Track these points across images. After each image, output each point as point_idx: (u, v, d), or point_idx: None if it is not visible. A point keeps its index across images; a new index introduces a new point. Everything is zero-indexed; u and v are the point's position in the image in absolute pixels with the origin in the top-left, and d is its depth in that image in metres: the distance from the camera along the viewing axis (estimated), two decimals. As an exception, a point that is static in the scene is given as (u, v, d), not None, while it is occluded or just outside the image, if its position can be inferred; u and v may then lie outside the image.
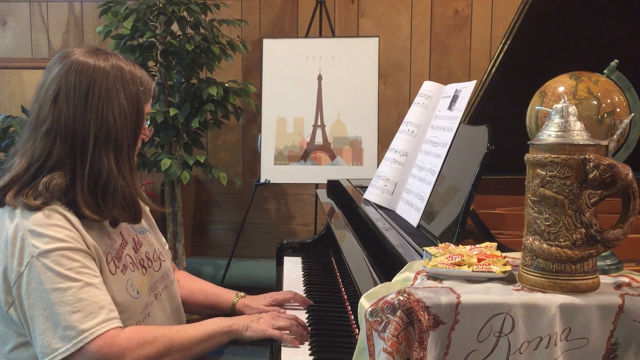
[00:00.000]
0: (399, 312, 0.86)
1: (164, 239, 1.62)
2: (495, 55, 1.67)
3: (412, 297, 0.86)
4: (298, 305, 1.60)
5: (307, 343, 1.39)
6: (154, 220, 1.60)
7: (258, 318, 1.40)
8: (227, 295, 1.63)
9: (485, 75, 1.70)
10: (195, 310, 1.68)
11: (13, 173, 1.27)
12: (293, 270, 2.04)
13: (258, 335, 1.36)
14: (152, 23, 3.02)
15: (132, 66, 1.33)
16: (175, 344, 1.27)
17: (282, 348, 1.38)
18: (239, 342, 1.37)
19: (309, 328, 1.44)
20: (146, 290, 1.40)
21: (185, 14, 2.97)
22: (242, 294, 1.64)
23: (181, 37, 3.02)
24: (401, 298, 0.86)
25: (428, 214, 1.39)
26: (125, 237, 1.39)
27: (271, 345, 1.50)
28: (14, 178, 1.27)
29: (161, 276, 1.48)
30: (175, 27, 3.04)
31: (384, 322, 0.87)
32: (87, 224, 1.28)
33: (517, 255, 1.05)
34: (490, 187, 1.65)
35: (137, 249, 1.42)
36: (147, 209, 1.54)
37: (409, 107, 1.80)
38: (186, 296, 1.63)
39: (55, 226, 1.22)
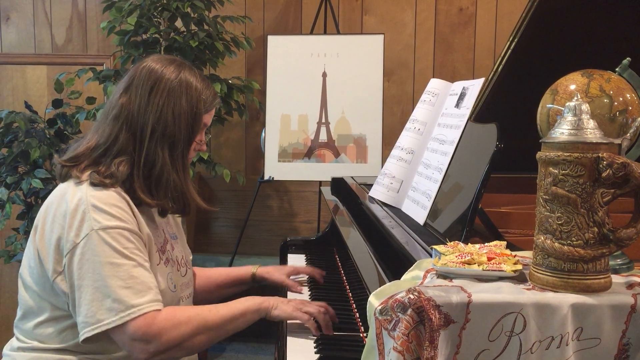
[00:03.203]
0: (409, 311, 0.85)
1: (189, 250, 1.68)
2: (502, 53, 1.66)
3: (422, 296, 0.86)
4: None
5: (312, 341, 1.39)
6: (183, 234, 1.66)
7: (288, 301, 1.45)
8: (245, 268, 1.74)
9: (492, 73, 1.69)
10: (219, 294, 1.74)
11: (80, 149, 1.37)
12: (297, 267, 2.03)
13: (284, 315, 1.41)
14: (156, 19, 3.01)
15: (200, 79, 1.42)
16: (209, 323, 1.34)
17: (288, 346, 1.38)
18: (267, 320, 1.43)
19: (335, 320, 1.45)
20: (179, 288, 1.46)
21: (189, 10, 2.96)
22: (259, 264, 1.75)
23: (185, 33, 3.01)
24: (412, 296, 0.86)
25: (435, 212, 1.39)
26: (166, 236, 1.47)
27: (276, 342, 1.50)
28: (79, 154, 1.37)
29: (187, 282, 1.53)
30: (179, 23, 3.03)
31: (394, 321, 0.87)
32: (142, 212, 1.36)
33: (527, 254, 1.05)
34: (495, 185, 1.64)
35: (172, 249, 1.49)
36: (178, 220, 1.61)
37: (413, 105, 1.80)
38: (206, 284, 1.70)
39: (117, 207, 1.30)
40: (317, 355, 1.32)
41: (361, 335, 1.40)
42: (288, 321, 1.47)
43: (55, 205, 1.33)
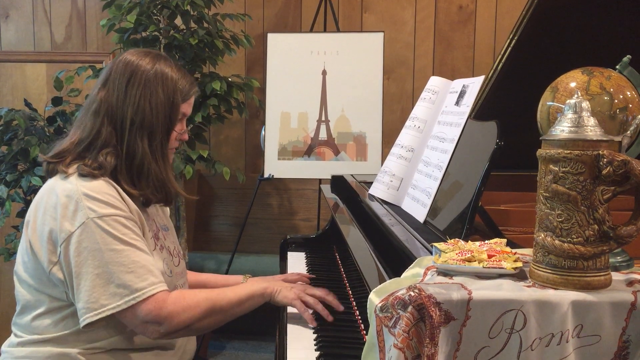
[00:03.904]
0: (410, 308, 0.85)
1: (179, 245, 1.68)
2: (502, 51, 1.65)
3: (423, 293, 0.86)
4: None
5: (312, 338, 1.39)
6: (173, 227, 1.68)
7: (291, 287, 1.50)
8: (235, 278, 1.76)
9: (492, 70, 1.69)
10: None
11: (64, 145, 1.40)
12: (297, 265, 2.04)
13: (286, 302, 1.47)
14: (156, 17, 3.01)
15: (176, 69, 1.45)
16: (216, 306, 1.39)
17: (288, 343, 1.38)
18: (271, 304, 1.48)
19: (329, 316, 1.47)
20: (174, 275, 1.48)
21: (188, 7, 2.96)
22: (249, 275, 1.76)
23: (185, 31, 3.00)
24: (412, 294, 0.86)
25: (435, 209, 1.39)
26: (157, 226, 1.50)
27: (276, 341, 1.50)
28: (64, 149, 1.39)
29: (180, 272, 1.55)
30: (178, 21, 3.02)
31: (394, 318, 0.87)
32: (134, 201, 1.38)
33: (527, 251, 1.05)
34: (494, 183, 1.64)
35: (164, 239, 1.52)
36: (167, 213, 1.64)
37: (413, 102, 1.80)
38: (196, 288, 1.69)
39: (109, 195, 1.33)
40: (317, 353, 1.32)
41: (361, 332, 1.40)
42: (288, 311, 1.52)
43: (45, 199, 1.35)
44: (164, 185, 1.42)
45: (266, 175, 3.04)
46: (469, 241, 1.05)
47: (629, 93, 0.97)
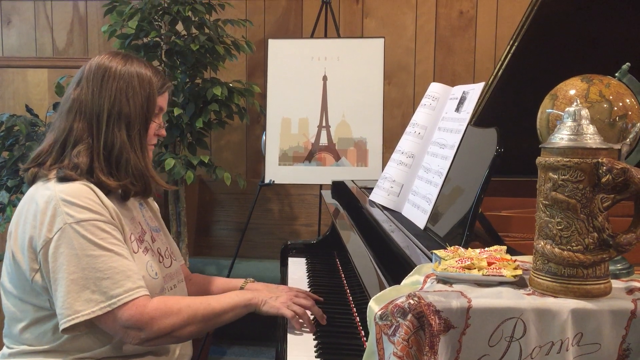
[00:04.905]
0: (409, 316, 0.85)
1: (175, 245, 1.67)
2: (503, 57, 1.65)
3: (422, 301, 0.86)
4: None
5: (312, 345, 1.39)
6: (165, 227, 1.67)
7: (277, 296, 1.48)
8: (236, 282, 1.73)
9: (492, 77, 1.69)
10: None
11: (41, 148, 1.42)
12: (297, 271, 2.03)
13: (273, 311, 1.45)
14: (157, 23, 3.02)
15: (149, 66, 1.47)
16: (199, 315, 1.37)
17: (288, 350, 1.38)
18: (256, 314, 1.47)
19: (324, 318, 1.48)
20: (161, 277, 1.47)
21: (190, 13, 2.96)
22: (251, 279, 1.73)
23: (186, 36, 3.01)
24: (412, 302, 0.86)
25: (435, 216, 1.39)
26: (144, 227, 1.49)
27: (277, 347, 1.50)
28: (41, 151, 1.41)
29: (172, 273, 1.54)
30: (180, 26, 3.03)
31: (394, 326, 0.87)
32: (118, 205, 1.39)
33: (527, 258, 1.05)
34: (495, 189, 1.64)
35: (153, 241, 1.50)
36: (158, 214, 1.64)
37: (413, 108, 1.80)
38: (204, 291, 1.71)
39: (87, 198, 1.32)
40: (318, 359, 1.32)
41: (362, 339, 1.40)
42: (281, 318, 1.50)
43: (25, 207, 1.35)
44: (142, 175, 1.43)
45: (267, 180, 3.04)
46: (469, 248, 1.05)
47: (628, 100, 0.97)
